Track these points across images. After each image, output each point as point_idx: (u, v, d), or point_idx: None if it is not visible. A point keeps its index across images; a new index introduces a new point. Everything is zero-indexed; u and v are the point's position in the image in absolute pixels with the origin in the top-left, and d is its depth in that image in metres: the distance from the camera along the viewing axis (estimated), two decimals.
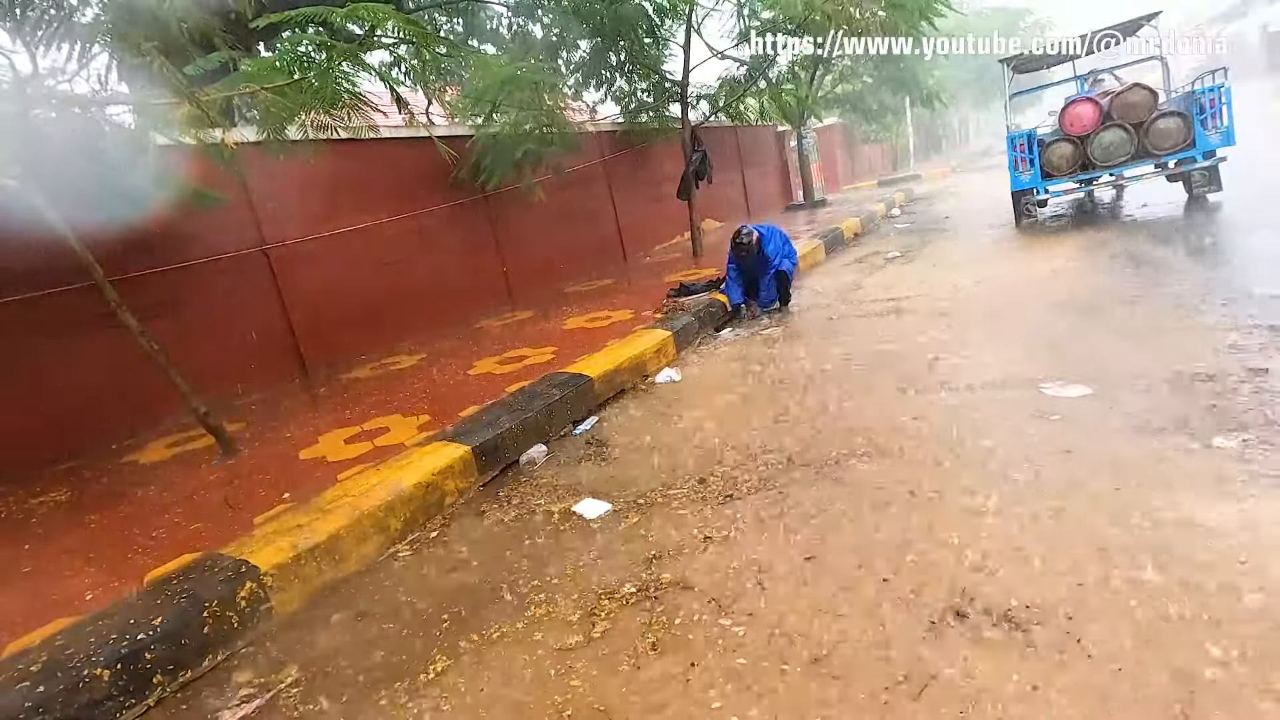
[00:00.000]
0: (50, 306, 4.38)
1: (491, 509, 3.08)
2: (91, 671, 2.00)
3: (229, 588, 2.35)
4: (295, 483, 3.31)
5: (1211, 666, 1.53)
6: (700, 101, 9.49)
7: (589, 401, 4.10)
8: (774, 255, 5.86)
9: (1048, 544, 2.06)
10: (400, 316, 6.59)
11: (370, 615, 2.41)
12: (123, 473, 4.04)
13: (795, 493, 2.69)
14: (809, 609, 1.99)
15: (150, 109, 3.56)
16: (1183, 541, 1.95)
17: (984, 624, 1.79)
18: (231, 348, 5.35)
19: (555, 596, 2.30)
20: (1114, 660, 1.60)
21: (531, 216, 8.03)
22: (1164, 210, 7.05)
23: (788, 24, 7.87)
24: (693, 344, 5.33)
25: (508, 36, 9.47)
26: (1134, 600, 1.77)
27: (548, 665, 1.97)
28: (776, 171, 15.54)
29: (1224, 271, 4.53)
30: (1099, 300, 4.42)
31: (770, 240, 5.90)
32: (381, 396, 4.67)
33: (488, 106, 6.64)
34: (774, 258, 5.86)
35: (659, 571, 2.32)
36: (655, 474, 3.11)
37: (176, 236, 4.93)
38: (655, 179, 10.69)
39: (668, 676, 1.83)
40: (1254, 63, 28.89)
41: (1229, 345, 3.25)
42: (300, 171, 5.57)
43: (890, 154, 23.36)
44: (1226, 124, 6.54)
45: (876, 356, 4.18)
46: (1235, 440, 2.41)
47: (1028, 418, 2.93)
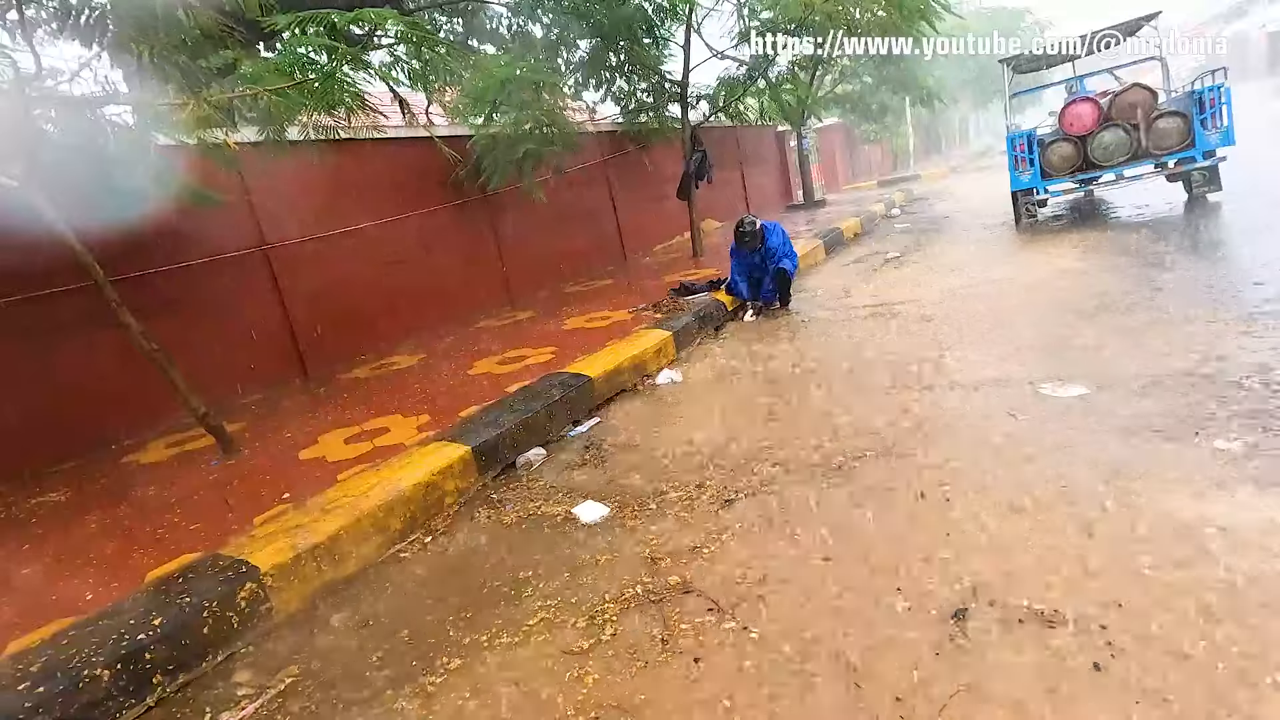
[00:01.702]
0: (50, 306, 4.38)
1: (492, 510, 3.08)
2: (91, 671, 2.00)
3: (229, 588, 2.35)
4: (295, 483, 3.31)
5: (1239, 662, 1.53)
6: (700, 101, 9.49)
7: (589, 402, 4.10)
8: (776, 249, 5.84)
9: (1056, 542, 2.07)
10: (400, 316, 6.59)
11: (371, 616, 2.41)
12: (123, 473, 4.04)
13: (800, 494, 2.69)
14: (819, 611, 1.98)
15: (150, 108, 3.56)
16: (1188, 537, 1.96)
17: (997, 625, 1.79)
18: (231, 348, 5.35)
19: (559, 599, 2.29)
20: (1140, 664, 1.60)
21: (531, 216, 8.02)
22: (1164, 210, 7.05)
23: (787, 24, 7.87)
24: (693, 344, 5.33)
25: (508, 36, 9.46)
26: (1153, 597, 1.78)
27: (558, 666, 1.97)
28: (776, 171, 15.54)
29: (1223, 271, 4.53)
30: (1099, 300, 4.41)
31: (773, 233, 5.89)
32: (381, 396, 4.67)
33: (488, 107, 6.64)
34: (776, 251, 5.83)
35: (663, 575, 2.31)
36: (656, 475, 3.11)
37: (176, 236, 4.93)
38: (655, 179, 10.69)
39: (678, 678, 1.83)
40: (1254, 63, 28.90)
41: (1228, 343, 3.25)
42: (300, 171, 5.57)
43: (890, 154, 23.34)
44: (1226, 124, 6.54)
45: (877, 357, 4.18)
46: (1245, 444, 2.42)
47: (1027, 416, 2.93)
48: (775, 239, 5.86)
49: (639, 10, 7.74)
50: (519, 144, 6.76)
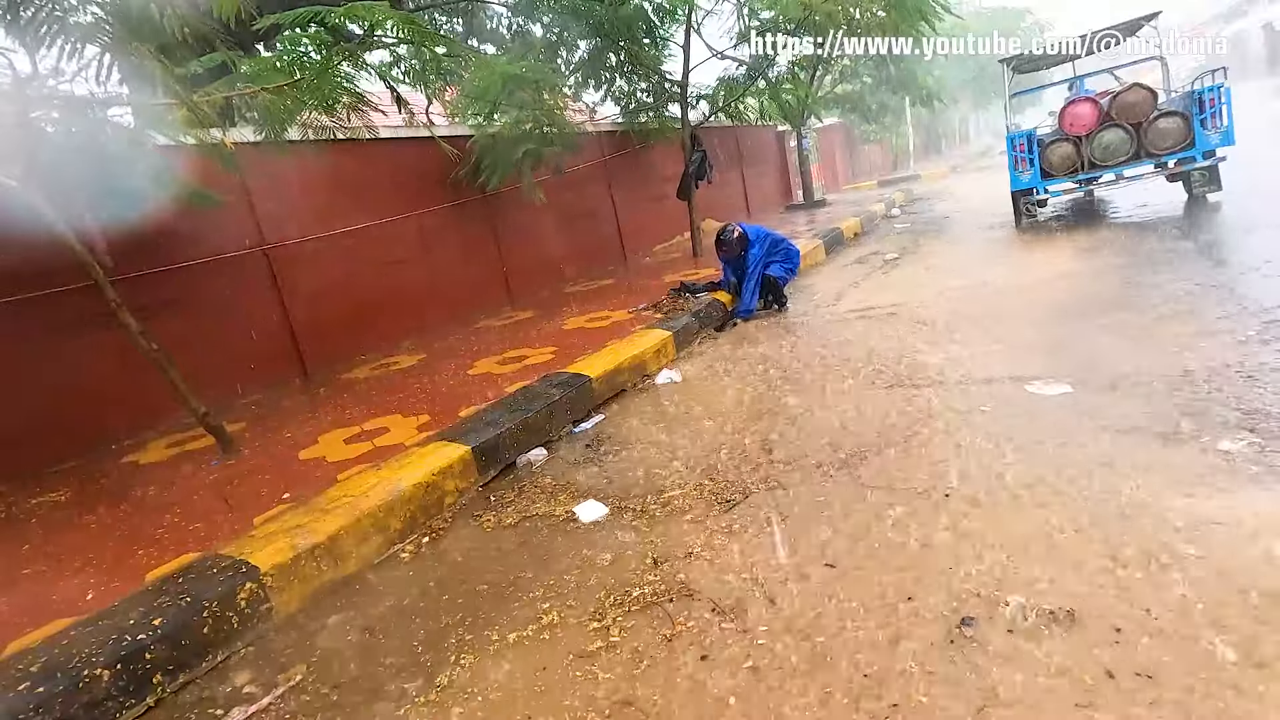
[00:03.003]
0: (50, 306, 4.38)
1: (492, 510, 3.08)
2: (91, 671, 2.00)
3: (229, 588, 2.35)
4: (295, 483, 3.31)
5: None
6: (700, 101, 9.49)
7: (589, 401, 4.10)
8: (754, 261, 5.79)
9: (1046, 533, 2.08)
10: (400, 316, 6.59)
11: (372, 616, 2.41)
12: (123, 473, 4.04)
13: (802, 492, 2.69)
14: (824, 611, 1.98)
15: (149, 109, 3.56)
16: (1188, 533, 1.97)
17: (1002, 623, 1.79)
18: (231, 348, 5.35)
19: (562, 599, 2.29)
20: (1146, 661, 1.61)
21: (531, 216, 8.02)
22: (1164, 210, 7.05)
23: (788, 24, 7.88)
24: (693, 344, 5.33)
25: (508, 36, 9.47)
26: (1150, 593, 1.79)
27: (565, 665, 1.97)
28: (776, 171, 15.54)
29: (1222, 271, 4.53)
30: (1097, 300, 4.41)
31: (757, 243, 5.81)
32: (381, 396, 4.67)
33: (488, 106, 6.64)
34: (758, 259, 5.78)
35: (667, 577, 2.31)
36: (658, 474, 3.11)
37: (176, 236, 4.92)
38: (655, 179, 10.69)
39: (687, 678, 1.83)
40: (1254, 63, 28.91)
41: (1226, 343, 3.25)
42: (300, 171, 5.57)
43: (890, 154, 23.35)
44: (1226, 124, 6.54)
45: (875, 357, 4.18)
46: (1242, 443, 2.42)
47: (1022, 414, 2.94)
48: (757, 250, 5.79)
49: (639, 10, 7.74)
50: (519, 144, 6.76)
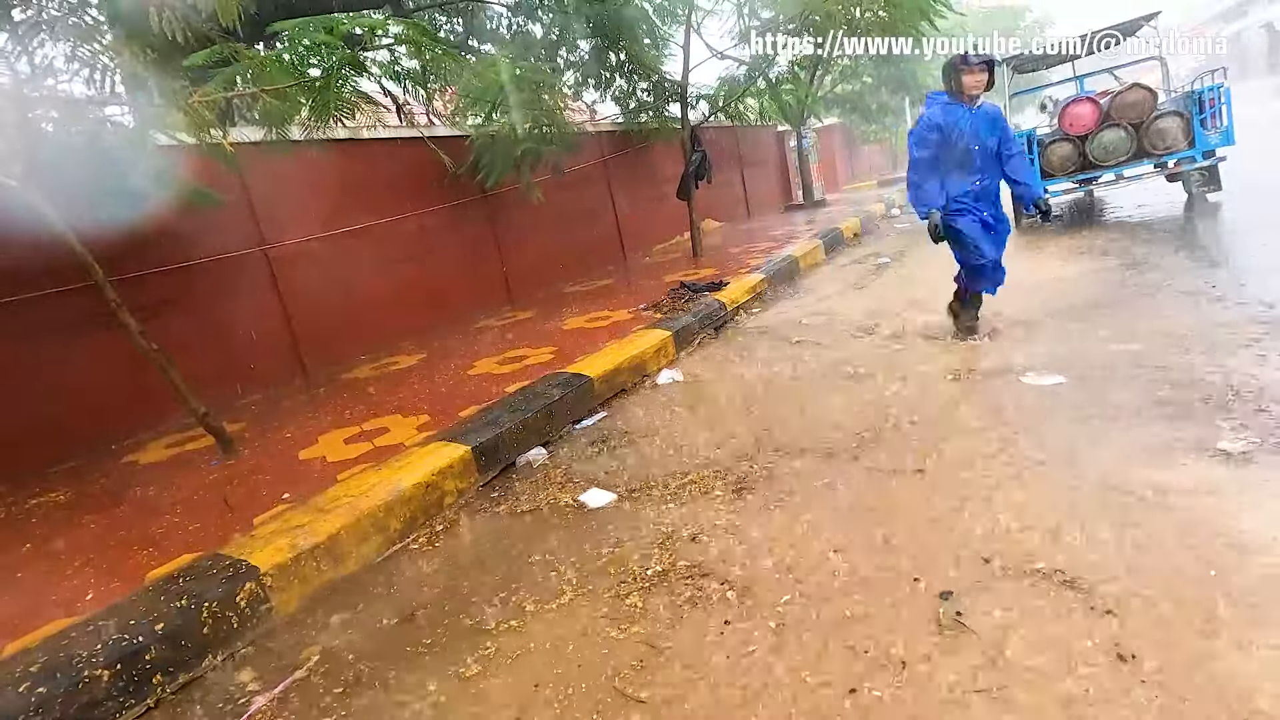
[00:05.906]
0: (50, 306, 4.38)
1: (491, 510, 3.08)
2: (91, 671, 2.00)
3: (229, 588, 2.35)
4: (295, 483, 3.31)
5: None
6: (700, 101, 9.49)
7: (589, 402, 4.10)
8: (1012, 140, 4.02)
9: (1051, 508, 2.19)
10: (400, 316, 6.59)
11: (372, 615, 2.41)
12: (123, 473, 4.04)
13: (807, 478, 2.77)
14: (837, 591, 2.05)
15: (149, 110, 3.56)
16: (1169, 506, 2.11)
17: (1009, 587, 1.89)
18: (231, 348, 5.35)
19: (564, 598, 2.30)
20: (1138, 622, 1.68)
21: (531, 216, 8.02)
22: (1164, 210, 7.05)
23: (788, 24, 7.87)
24: (693, 344, 5.33)
25: (508, 36, 9.46)
26: (1148, 559, 1.90)
27: (591, 631, 2.04)
28: (776, 171, 15.53)
29: (1222, 271, 4.53)
30: (1095, 300, 4.43)
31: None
32: (381, 396, 4.67)
33: (487, 107, 6.64)
34: (1008, 144, 4.04)
35: (680, 552, 2.38)
36: (663, 465, 3.14)
37: (176, 236, 4.92)
38: (655, 179, 10.69)
39: (713, 630, 1.92)
40: (1254, 63, 28.90)
41: (1225, 343, 3.26)
42: (300, 171, 5.57)
43: (890, 154, 23.33)
44: (1226, 124, 6.54)
45: (876, 355, 4.19)
46: (1240, 439, 2.43)
47: (1018, 405, 3.00)
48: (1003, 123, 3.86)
49: (639, 11, 7.73)
50: (518, 143, 6.76)
